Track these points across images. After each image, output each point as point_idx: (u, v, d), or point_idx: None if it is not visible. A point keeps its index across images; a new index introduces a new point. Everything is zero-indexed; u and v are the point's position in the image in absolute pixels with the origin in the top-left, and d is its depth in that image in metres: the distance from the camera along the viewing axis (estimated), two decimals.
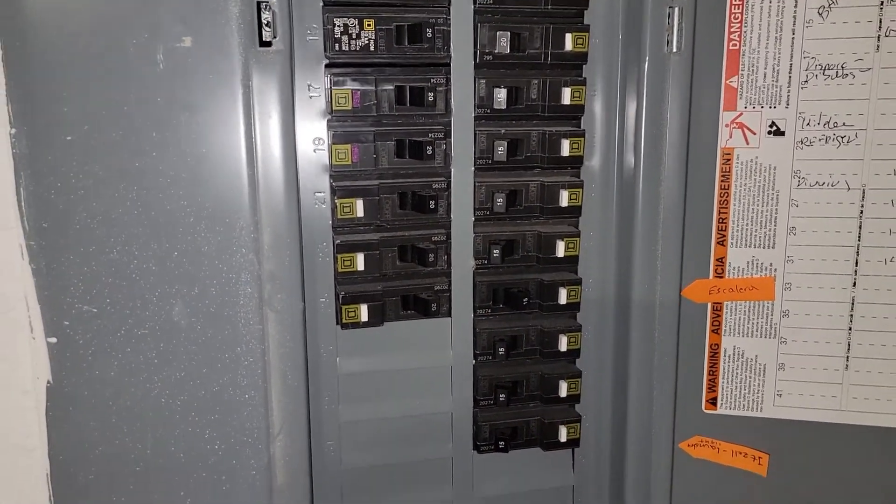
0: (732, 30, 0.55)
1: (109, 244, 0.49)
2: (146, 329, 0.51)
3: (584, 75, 0.59)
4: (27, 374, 0.50)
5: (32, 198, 0.48)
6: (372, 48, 0.53)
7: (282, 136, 0.51)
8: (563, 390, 0.62)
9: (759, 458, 0.60)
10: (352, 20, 0.53)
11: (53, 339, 0.50)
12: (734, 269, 0.59)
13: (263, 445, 0.54)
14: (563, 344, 0.61)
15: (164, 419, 0.52)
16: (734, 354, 0.60)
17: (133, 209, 0.49)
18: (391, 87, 0.54)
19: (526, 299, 0.60)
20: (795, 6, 0.54)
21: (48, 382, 0.50)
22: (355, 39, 0.53)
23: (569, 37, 0.56)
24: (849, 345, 0.58)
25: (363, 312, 0.57)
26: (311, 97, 0.54)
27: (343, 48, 0.53)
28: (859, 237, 0.56)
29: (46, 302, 0.49)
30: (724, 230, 0.58)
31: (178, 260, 0.50)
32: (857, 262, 0.57)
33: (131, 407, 0.51)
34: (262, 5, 0.49)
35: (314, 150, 0.55)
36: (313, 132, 0.55)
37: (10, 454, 0.51)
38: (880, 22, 0.53)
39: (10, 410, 0.50)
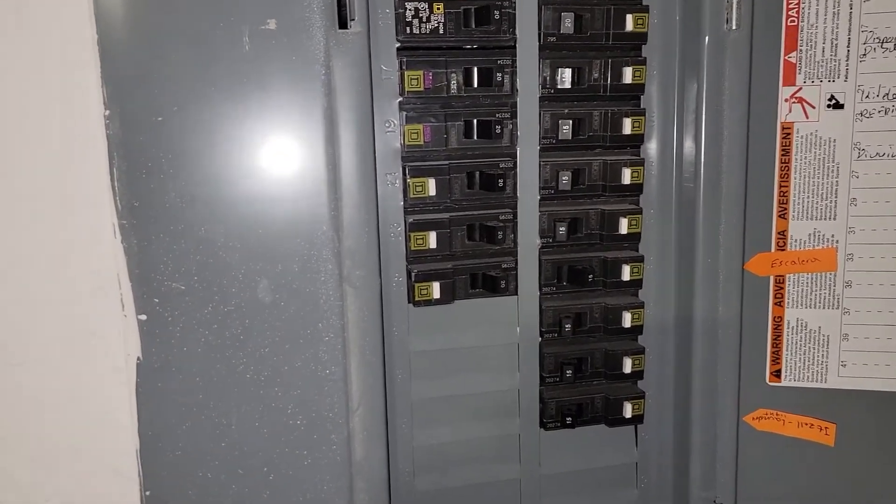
0: (791, 6, 0.57)
1: (197, 223, 0.51)
2: (232, 306, 0.52)
3: (643, 55, 0.60)
4: (119, 352, 0.51)
5: (124, 177, 0.49)
6: (441, 31, 0.55)
7: (360, 116, 0.52)
8: (628, 367, 0.63)
9: (826, 428, 0.61)
10: (422, 4, 0.54)
11: (143, 317, 0.51)
12: (796, 241, 0.60)
13: (343, 420, 0.55)
14: (627, 320, 0.62)
15: (249, 395, 0.53)
16: (797, 326, 0.61)
17: (220, 189, 0.51)
18: (460, 70, 0.56)
19: (590, 276, 0.61)
20: None
21: (138, 359, 0.51)
22: (425, 22, 0.55)
23: (629, 17, 0.58)
24: None
25: (435, 290, 0.58)
26: (383, 79, 0.55)
27: (414, 31, 0.55)
28: None
29: (137, 280, 0.51)
30: (786, 203, 0.59)
31: (262, 238, 0.52)
32: None
33: (217, 383, 0.53)
34: None
35: (385, 132, 0.56)
36: (384, 114, 0.56)
37: (105, 430, 0.53)
38: None
39: (104, 387, 0.52)
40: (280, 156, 0.51)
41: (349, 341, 0.54)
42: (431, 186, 0.57)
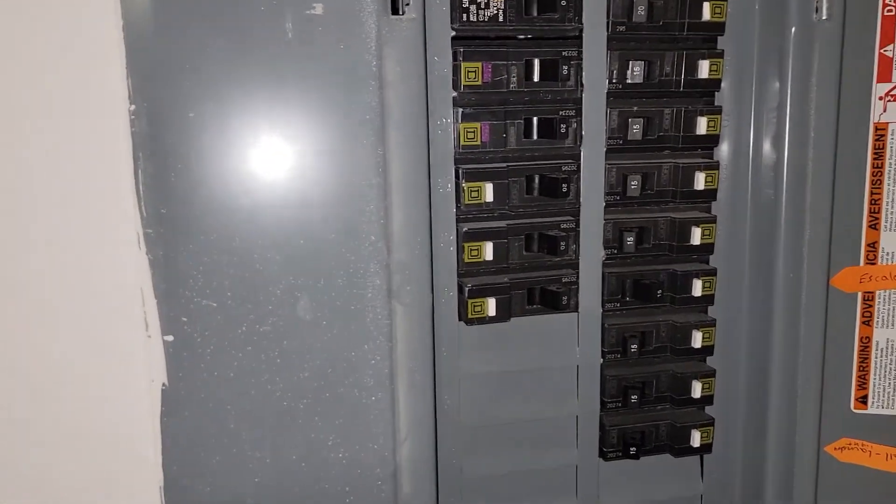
0: None
1: (231, 231, 0.45)
2: (269, 325, 0.46)
3: (720, 47, 0.54)
4: (142, 376, 0.45)
5: (151, 180, 0.44)
6: (501, 18, 0.49)
7: (413, 113, 0.47)
8: (697, 391, 0.58)
9: None
10: None
11: (170, 338, 0.45)
12: (888, 254, 0.54)
13: (390, 452, 0.49)
14: (698, 340, 0.57)
15: (286, 424, 0.48)
16: (887, 348, 0.55)
17: (256, 193, 0.45)
18: (521, 62, 0.50)
19: (659, 291, 0.55)
20: None
21: (163, 385, 0.46)
22: (484, 9, 0.49)
23: (706, 5, 0.52)
24: None
25: (490, 307, 0.52)
26: (435, 72, 0.50)
27: (471, 19, 0.49)
28: None
29: (163, 296, 0.45)
30: (877, 213, 0.54)
31: (304, 249, 0.46)
32: None
33: (251, 411, 0.47)
34: None
35: (437, 131, 0.51)
36: (437, 111, 0.50)
37: (123, 465, 0.47)
38: None
39: (124, 416, 0.46)
40: (324, 156, 0.46)
41: (397, 364, 0.49)
42: (488, 191, 0.51)
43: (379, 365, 0.48)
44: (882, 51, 0.52)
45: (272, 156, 0.45)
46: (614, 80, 0.52)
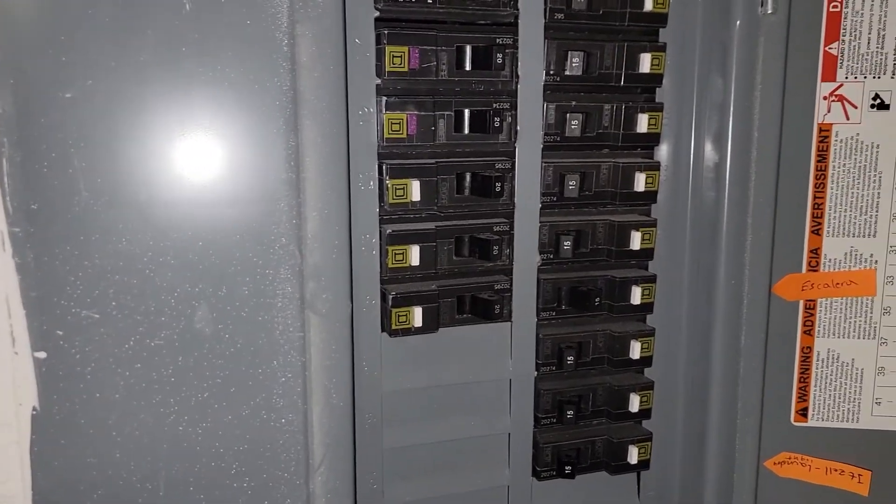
0: None
1: (117, 231, 0.39)
2: (161, 339, 0.40)
3: (661, 40, 0.51)
4: (7, 401, 0.39)
5: (18, 171, 0.37)
6: (430, 0, 0.45)
7: (331, 100, 0.41)
8: (635, 404, 0.54)
9: (859, 475, 0.54)
10: None
11: (42, 354, 0.39)
12: (830, 261, 0.52)
13: (302, 480, 0.44)
14: (636, 351, 0.53)
15: (182, 452, 0.42)
16: (828, 358, 0.53)
17: (147, 188, 0.39)
18: (451, 48, 0.46)
19: (597, 299, 0.52)
20: None
21: (34, 410, 0.39)
22: None
23: None
24: None
25: (416, 316, 0.48)
26: (356, 56, 0.45)
27: None
28: None
29: (34, 306, 0.38)
30: (820, 217, 0.51)
31: (202, 251, 0.40)
32: None
33: (140, 438, 0.41)
34: None
35: (359, 122, 0.46)
36: (358, 99, 0.45)
37: None
38: None
39: None
40: (228, 146, 0.40)
41: (311, 382, 0.43)
42: (415, 190, 0.46)
43: (290, 383, 0.43)
44: (827, 48, 0.50)
45: (167, 145, 0.39)
46: (552, 72, 0.49)
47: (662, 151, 0.54)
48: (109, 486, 0.41)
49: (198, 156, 0.40)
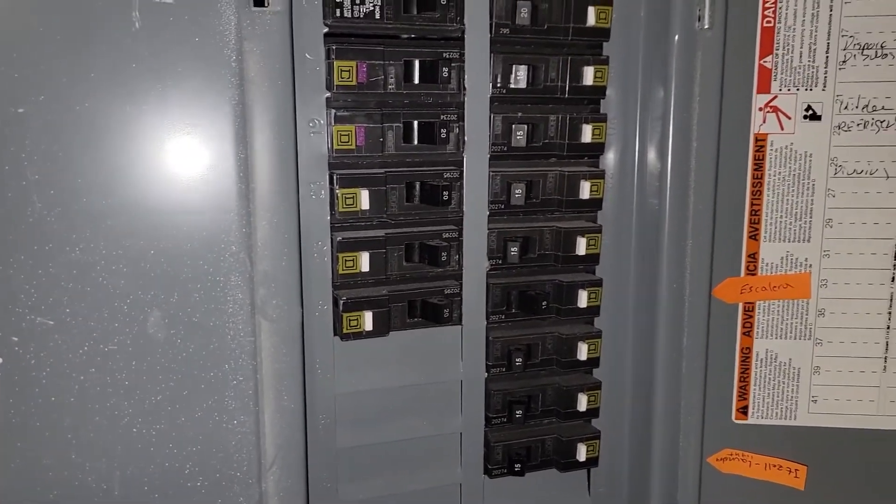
0: (767, 5, 0.51)
1: (70, 241, 0.40)
2: (115, 345, 0.42)
3: (605, 54, 0.53)
4: None
5: None
6: (378, 15, 0.46)
7: (279, 113, 0.43)
8: (583, 404, 0.56)
9: (796, 470, 0.56)
10: None
11: None
12: (767, 265, 0.54)
13: (254, 480, 0.46)
14: (583, 352, 0.55)
15: (136, 453, 0.43)
16: (766, 358, 0.55)
17: (101, 199, 0.40)
18: (399, 62, 0.48)
19: (545, 303, 0.54)
20: None
21: None
22: (359, 5, 0.46)
23: (591, 10, 0.51)
24: (887, 345, 0.54)
25: (367, 321, 0.49)
26: (307, 70, 0.46)
27: (345, 14, 0.46)
28: None
29: None
30: (757, 223, 0.54)
31: (154, 259, 0.42)
32: (895, 256, 0.53)
33: (95, 440, 0.42)
34: None
35: (310, 133, 0.47)
36: (307, 111, 0.47)
37: None
38: None
39: None
40: (179, 158, 0.41)
41: (263, 385, 0.45)
42: (364, 199, 0.48)
43: (242, 386, 0.44)
44: (762, 62, 0.52)
45: (119, 158, 0.41)
46: (498, 85, 0.50)
47: (609, 160, 0.56)
48: (65, 486, 0.43)
49: (149, 167, 0.41)
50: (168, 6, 0.40)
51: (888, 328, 0.54)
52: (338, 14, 0.46)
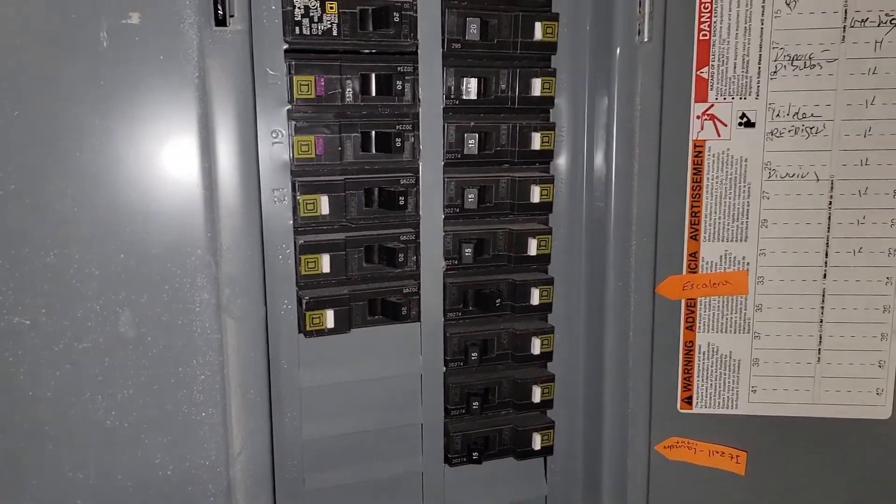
0: (703, 19, 0.54)
1: (45, 246, 0.43)
2: (88, 342, 0.45)
3: (552, 66, 0.57)
4: None
5: None
6: (335, 32, 0.50)
7: (240, 125, 0.46)
8: (537, 395, 0.60)
9: (737, 456, 0.59)
10: (313, 2, 0.49)
11: None
12: (707, 263, 0.58)
13: (223, 468, 0.49)
14: (537, 347, 0.59)
15: (110, 444, 0.46)
16: (709, 351, 0.59)
17: (73, 206, 0.43)
18: (356, 76, 0.51)
19: (498, 301, 0.57)
20: None
21: None
22: (317, 22, 0.49)
23: (538, 25, 0.54)
24: (820, 338, 0.58)
25: (329, 318, 0.53)
26: (269, 84, 0.50)
27: (304, 31, 0.49)
28: (829, 228, 0.56)
29: None
30: (697, 224, 0.57)
31: (124, 263, 0.45)
32: (826, 254, 0.57)
33: (71, 432, 0.46)
34: None
35: (272, 143, 0.50)
36: (270, 123, 0.50)
37: None
38: (845, 12, 0.54)
39: None
40: (147, 168, 0.45)
41: (229, 379, 0.48)
42: (324, 204, 0.51)
43: (209, 380, 0.48)
44: (698, 72, 0.55)
45: (90, 167, 0.44)
46: (451, 96, 0.54)
47: (561, 165, 0.59)
48: (43, 476, 0.46)
49: (119, 177, 0.44)
50: (134, 27, 0.43)
51: (821, 322, 0.58)
52: (297, 31, 0.49)
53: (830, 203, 0.56)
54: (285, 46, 0.49)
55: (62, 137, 0.43)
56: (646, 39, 0.54)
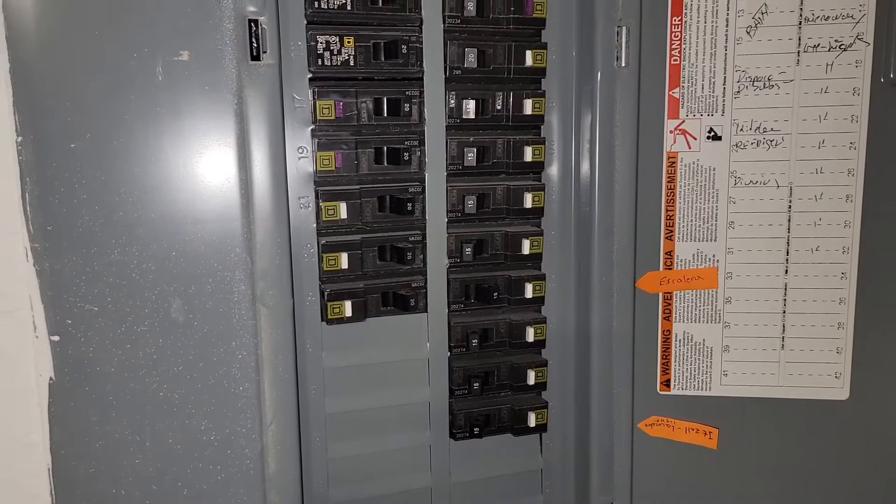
0: (673, 46, 0.62)
1: (111, 245, 0.52)
2: (145, 326, 0.54)
3: (542, 88, 0.64)
4: (31, 372, 0.52)
5: (37, 202, 0.50)
6: (352, 63, 0.58)
7: (271, 143, 0.55)
8: (532, 379, 0.67)
9: (710, 432, 0.66)
10: (333, 38, 0.57)
11: (56, 338, 0.52)
12: (681, 260, 0.65)
13: (257, 435, 0.57)
14: (531, 335, 0.66)
15: (163, 412, 0.55)
16: (684, 339, 0.66)
17: (133, 212, 0.52)
18: (370, 99, 0.59)
19: (496, 294, 0.65)
20: (727, 25, 0.61)
21: (51, 379, 0.52)
22: (336, 55, 0.58)
23: (529, 53, 0.62)
24: (784, 326, 0.65)
25: (347, 308, 0.61)
26: (295, 108, 0.58)
27: (325, 63, 0.57)
28: (789, 229, 0.64)
29: (50, 301, 0.52)
30: (672, 226, 0.64)
31: (175, 259, 0.53)
32: (787, 252, 0.64)
33: (131, 401, 0.54)
34: (254, 23, 0.53)
35: (298, 158, 0.59)
36: (297, 141, 0.59)
37: (12, 450, 0.53)
38: (799, 39, 0.61)
39: (13, 407, 0.53)
40: (195, 179, 0.53)
41: (262, 359, 0.56)
42: (343, 210, 0.60)
43: (246, 359, 0.56)
44: (671, 92, 0.63)
45: (147, 180, 0.52)
46: (453, 116, 0.62)
47: (553, 174, 0.67)
48: (107, 438, 0.54)
49: (171, 187, 0.53)
50: (184, 63, 0.52)
51: (784, 313, 0.65)
52: (319, 63, 0.57)
53: (790, 207, 0.63)
54: (309, 75, 0.58)
55: (124, 155, 0.51)
56: (623, 65, 0.62)
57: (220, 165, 0.53)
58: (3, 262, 0.51)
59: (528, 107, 0.63)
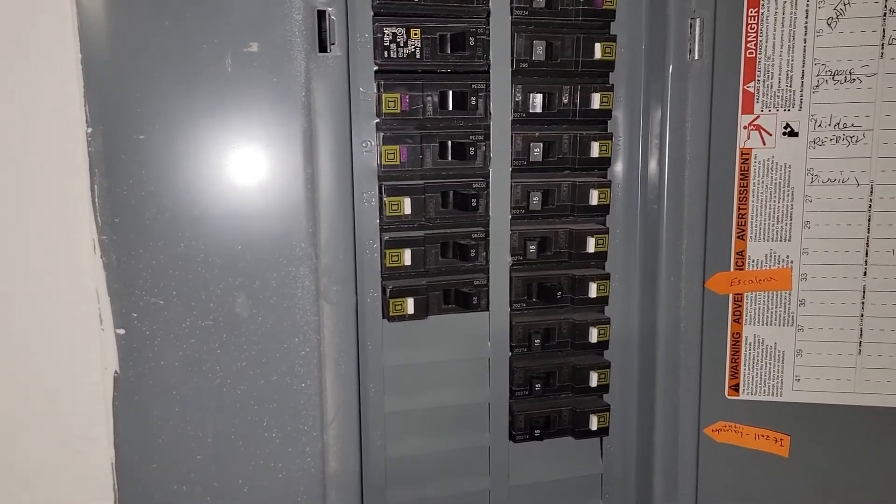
0: (749, 39, 0.60)
1: (177, 239, 0.52)
2: (210, 320, 0.53)
3: (611, 82, 0.63)
4: (96, 365, 0.52)
5: (106, 194, 0.50)
6: (418, 55, 0.57)
7: (338, 137, 0.54)
8: (594, 380, 0.65)
9: (781, 440, 0.64)
10: (399, 29, 0.56)
11: (122, 331, 0.52)
12: (753, 261, 0.63)
13: (318, 433, 0.56)
14: (594, 336, 0.65)
15: (225, 408, 0.54)
16: (755, 342, 0.64)
17: (199, 205, 0.52)
18: (435, 93, 0.58)
19: (559, 293, 0.63)
20: (806, 17, 0.59)
21: (115, 373, 0.52)
22: (402, 47, 0.56)
23: (598, 46, 0.60)
24: (861, 331, 0.62)
25: (409, 306, 0.60)
26: (361, 101, 0.57)
27: (391, 55, 0.56)
28: (868, 230, 0.61)
29: (116, 294, 0.51)
30: (744, 225, 0.62)
31: (241, 254, 0.53)
32: (867, 253, 0.61)
33: (194, 396, 0.54)
34: (322, 14, 0.52)
35: (363, 152, 0.58)
36: (361, 135, 0.58)
37: (76, 444, 0.53)
38: (883, 31, 0.58)
39: (78, 401, 0.52)
40: (260, 173, 0.52)
41: (325, 356, 0.56)
42: (407, 205, 0.58)
43: (308, 356, 0.55)
44: (745, 87, 0.60)
45: (214, 173, 0.52)
46: (519, 110, 0.60)
47: (619, 171, 0.65)
48: (170, 433, 0.54)
49: (237, 181, 0.52)
50: (253, 54, 0.51)
51: (862, 316, 0.62)
52: (385, 55, 0.56)
53: (870, 206, 0.61)
54: (375, 68, 0.57)
55: (192, 148, 0.51)
56: (696, 57, 0.60)
57: (286, 158, 0.53)
58: (71, 254, 0.51)
59: (595, 101, 0.62)
